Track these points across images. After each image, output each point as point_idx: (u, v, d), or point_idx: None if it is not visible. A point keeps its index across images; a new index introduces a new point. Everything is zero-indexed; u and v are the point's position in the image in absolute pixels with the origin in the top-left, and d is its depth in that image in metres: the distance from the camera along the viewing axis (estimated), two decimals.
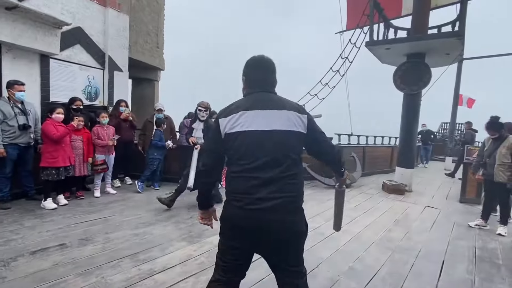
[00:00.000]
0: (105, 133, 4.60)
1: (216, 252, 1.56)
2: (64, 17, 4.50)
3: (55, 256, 2.61)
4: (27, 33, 4.14)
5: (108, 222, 3.54)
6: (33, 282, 2.20)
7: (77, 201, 4.25)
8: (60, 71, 4.94)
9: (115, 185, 5.10)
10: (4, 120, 3.71)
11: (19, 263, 2.47)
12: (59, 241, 2.91)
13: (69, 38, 5.00)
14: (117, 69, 6.05)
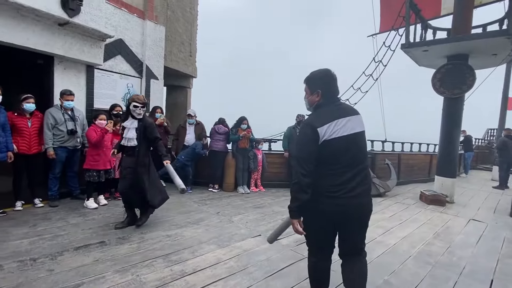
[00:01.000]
0: None
1: (306, 242, 1.98)
2: (107, 30, 4.86)
3: (96, 253, 2.79)
4: (76, 46, 4.53)
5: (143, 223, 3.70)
6: (77, 276, 2.36)
7: (116, 202, 4.51)
8: (103, 80, 5.32)
9: None
10: (55, 125, 4.07)
11: (64, 257, 2.67)
12: (99, 239, 3.10)
13: (111, 50, 5.39)
14: (153, 78, 6.38)
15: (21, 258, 2.60)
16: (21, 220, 3.54)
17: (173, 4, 7.64)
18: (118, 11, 5.56)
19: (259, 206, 4.78)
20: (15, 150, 3.73)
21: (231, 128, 5.84)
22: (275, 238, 2.33)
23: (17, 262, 2.53)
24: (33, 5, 3.76)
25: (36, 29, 4.00)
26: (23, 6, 3.69)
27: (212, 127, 5.89)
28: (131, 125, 3.44)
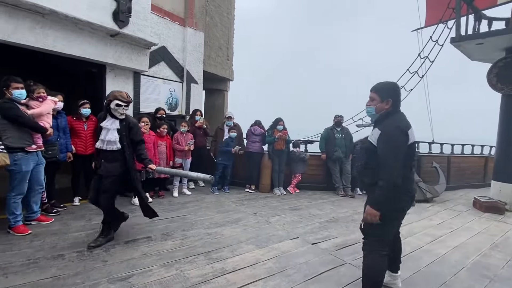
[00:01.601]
0: (183, 139, 5.09)
1: (373, 239, 2.13)
2: (152, 38, 5.18)
3: (143, 247, 2.98)
4: (124, 54, 4.90)
5: (185, 220, 3.88)
6: (127, 268, 2.55)
7: (159, 200, 4.78)
8: (148, 85, 5.68)
9: (189, 187, 5.58)
10: None
11: (116, 250, 2.89)
12: (146, 234, 3.31)
13: (155, 56, 5.73)
14: (193, 82, 6.66)
15: (79, 248, 2.87)
16: (78, 214, 3.91)
17: (212, 10, 7.91)
18: (161, 20, 5.90)
19: (296, 208, 4.74)
20: (74, 151, 4.14)
21: (267, 130, 5.87)
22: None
23: (76, 252, 2.79)
24: (89, 19, 4.15)
25: (92, 41, 4.40)
26: (81, 20, 4.08)
27: (248, 129, 5.97)
28: (112, 126, 2.94)
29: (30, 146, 3.21)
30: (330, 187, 6.06)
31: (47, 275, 2.37)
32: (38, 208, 3.56)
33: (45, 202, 3.84)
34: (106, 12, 4.34)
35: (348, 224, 4.03)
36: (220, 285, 2.36)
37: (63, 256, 2.70)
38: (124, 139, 2.97)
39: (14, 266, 2.50)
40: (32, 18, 3.71)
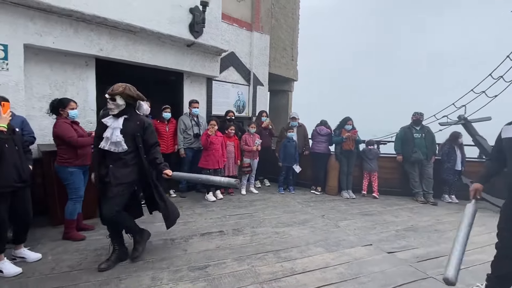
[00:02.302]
0: (251, 140, 5.28)
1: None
2: (223, 45, 5.52)
3: (217, 241, 3.19)
4: (198, 62, 5.33)
5: (253, 217, 4.01)
6: (204, 258, 2.76)
7: (229, 197, 5.04)
8: (219, 89, 6.06)
9: (256, 186, 5.74)
10: (185, 130, 4.89)
11: (194, 241, 3.16)
12: (219, 228, 3.54)
13: (225, 62, 6.08)
14: (259, 84, 6.85)
15: (163, 237, 3.23)
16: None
17: (277, 12, 8.02)
18: (230, 27, 6.23)
19: (367, 213, 4.45)
20: None
21: (334, 130, 5.66)
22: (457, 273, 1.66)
23: (161, 240, 3.15)
24: (170, 32, 4.63)
25: (171, 52, 4.92)
26: (163, 34, 4.59)
27: (314, 129, 5.85)
28: (113, 124, 2.50)
29: None
30: (407, 192, 5.51)
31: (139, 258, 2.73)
32: None
33: None
34: (183, 25, 4.79)
35: (431, 235, 3.61)
36: (291, 284, 2.37)
37: (151, 242, 3.07)
38: (139, 141, 2.55)
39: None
40: (126, 36, 4.33)
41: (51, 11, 3.59)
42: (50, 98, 3.85)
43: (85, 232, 3.24)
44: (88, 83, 4.25)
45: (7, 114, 2.34)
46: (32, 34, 3.55)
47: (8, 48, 3.40)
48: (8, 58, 3.41)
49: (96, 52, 4.08)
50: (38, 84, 3.83)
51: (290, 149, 5.51)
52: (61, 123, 2.99)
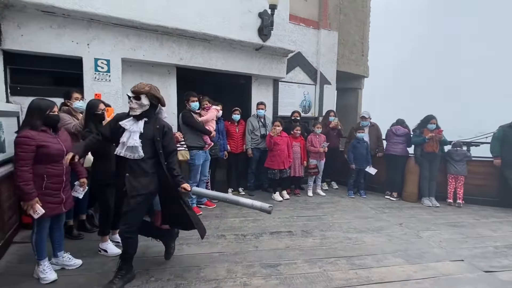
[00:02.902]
0: (317, 141, 5.16)
1: None
2: (290, 46, 5.53)
3: (286, 240, 3.20)
4: (266, 65, 5.45)
5: (322, 220, 3.91)
6: (275, 256, 2.80)
7: (296, 198, 5.02)
8: (285, 90, 6.09)
9: (323, 188, 5.58)
10: (252, 131, 5.06)
11: (264, 238, 3.24)
12: (287, 228, 3.55)
13: (291, 63, 6.08)
14: (326, 83, 6.65)
15: (236, 232, 3.39)
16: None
17: (346, 7, 7.66)
18: (297, 27, 6.20)
19: (456, 225, 3.90)
20: (228, 149, 4.94)
21: (414, 129, 5.12)
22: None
23: (233, 235, 3.31)
24: (240, 38, 4.84)
25: (241, 56, 5.14)
26: (234, 40, 4.83)
27: (389, 129, 5.39)
28: (132, 127, 2.24)
29: (204, 146, 4.05)
30: (507, 203, 4.65)
31: (215, 250, 2.92)
32: None
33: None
34: (253, 30, 4.96)
35: None
36: None
37: (224, 236, 3.27)
38: (159, 147, 2.30)
39: (192, 239, 3.20)
40: (202, 45, 4.69)
41: (142, 28, 4.12)
42: None
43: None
44: (170, 90, 4.74)
45: (111, 118, 2.77)
46: (127, 49, 4.14)
47: (110, 62, 4.03)
48: (110, 71, 4.03)
49: (177, 61, 4.53)
50: None
51: (361, 150, 5.20)
52: None
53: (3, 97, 3.49)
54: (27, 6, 3.38)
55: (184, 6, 4.24)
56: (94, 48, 3.90)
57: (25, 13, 3.47)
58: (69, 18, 3.69)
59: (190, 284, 2.31)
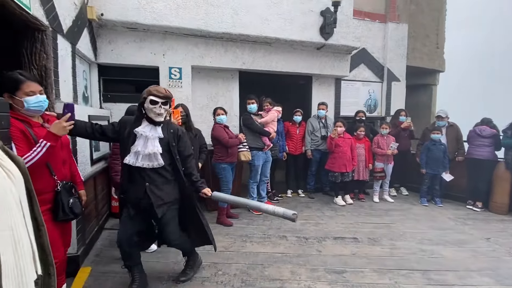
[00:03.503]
0: (384, 142, 4.81)
1: None
2: (354, 43, 5.26)
3: (351, 247, 3.06)
4: (328, 63, 5.29)
5: (391, 229, 3.63)
6: (340, 263, 2.71)
7: (360, 203, 4.76)
8: (348, 89, 5.83)
9: (391, 194, 5.17)
10: (312, 132, 4.97)
11: (327, 243, 3.15)
12: (352, 235, 3.39)
13: (355, 60, 5.79)
14: (394, 80, 6.15)
15: (297, 234, 3.38)
16: (292, 204, 4.61)
17: None
18: (361, 23, 5.88)
19: None
20: (287, 150, 4.94)
21: (505, 130, 4.39)
22: None
23: (295, 237, 3.30)
24: (301, 38, 4.80)
25: (302, 57, 5.09)
26: (295, 41, 4.81)
27: (472, 130, 4.73)
28: (151, 133, 2.07)
29: (263, 147, 4.13)
30: None
31: (278, 250, 2.95)
32: (265, 195, 4.54)
33: (269, 191, 4.83)
34: (314, 29, 4.87)
35: None
36: None
37: (286, 237, 3.28)
38: (175, 152, 2.15)
39: (255, 237, 3.30)
40: (264, 48, 4.79)
41: (210, 36, 4.40)
42: (208, 107, 4.74)
43: (231, 219, 3.78)
44: (233, 93, 4.96)
45: (177, 119, 3.03)
46: (196, 57, 4.46)
47: (181, 70, 4.40)
48: (182, 78, 4.40)
49: (240, 65, 4.71)
50: (200, 97, 4.77)
51: (437, 153, 4.67)
52: (217, 127, 3.62)
53: (97, 104, 4.10)
54: (116, 24, 3.91)
55: (248, 12, 4.38)
56: (169, 58, 4.31)
57: (114, 31, 4.03)
58: (148, 32, 4.15)
59: (255, 281, 2.38)
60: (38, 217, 0.92)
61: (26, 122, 1.64)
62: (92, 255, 2.79)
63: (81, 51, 3.25)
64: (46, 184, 1.69)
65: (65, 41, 2.70)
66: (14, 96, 1.60)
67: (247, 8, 4.39)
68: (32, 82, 1.65)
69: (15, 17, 2.03)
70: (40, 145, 1.56)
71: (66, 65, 2.72)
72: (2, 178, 0.77)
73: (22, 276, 0.80)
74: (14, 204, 0.79)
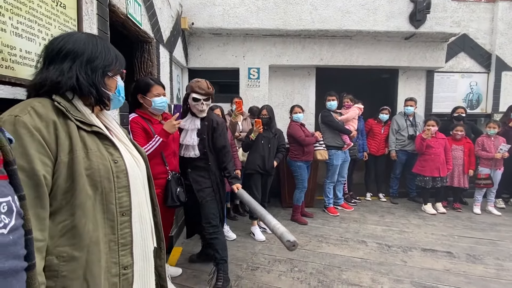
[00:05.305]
0: (492, 144, 4.04)
1: None
2: (452, 29, 4.57)
3: (444, 262, 2.69)
4: (418, 54, 4.73)
5: (498, 246, 3.05)
6: (430, 277, 2.41)
7: (455, 213, 4.13)
8: (442, 82, 5.10)
9: (497, 205, 4.33)
10: (398, 131, 4.52)
11: (413, 254, 2.85)
12: (445, 248, 2.98)
13: (452, 48, 5.02)
14: (506, 69, 5.10)
15: (378, 241, 3.14)
16: (371, 208, 4.31)
17: None
18: (461, 5, 5.06)
19: None
20: (368, 150, 4.62)
21: None
22: None
23: (376, 244, 3.08)
24: (387, 28, 4.41)
25: (387, 49, 4.68)
26: (379, 32, 4.44)
27: None
28: (190, 125, 2.19)
29: (343, 146, 3.97)
30: None
31: (356, 255, 2.81)
32: (342, 196, 4.35)
33: (346, 192, 4.61)
34: (402, 17, 4.41)
35: None
36: None
37: (366, 243, 3.09)
38: (206, 144, 2.20)
39: (331, 238, 3.21)
40: (343, 42, 4.59)
41: (287, 34, 4.44)
42: (283, 105, 4.81)
43: (306, 218, 3.76)
44: (309, 91, 4.91)
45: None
46: (274, 57, 4.57)
47: (260, 70, 4.57)
48: (260, 78, 4.58)
49: (317, 62, 4.62)
50: (276, 95, 4.88)
51: None
52: (293, 125, 3.64)
53: None
54: (204, 31, 4.31)
55: (327, 6, 4.26)
56: (248, 59, 4.53)
57: (202, 38, 4.44)
58: (230, 36, 4.44)
59: (332, 283, 2.33)
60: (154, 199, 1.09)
61: (148, 120, 1.99)
62: (181, 237, 3.16)
63: (176, 58, 3.69)
64: (160, 171, 2.00)
65: (165, 50, 3.11)
66: (145, 97, 1.96)
67: (326, 2, 4.27)
68: (159, 85, 2.00)
69: (131, 32, 2.44)
70: (155, 139, 1.89)
71: (166, 70, 3.14)
72: (134, 166, 0.94)
73: (146, 247, 0.97)
74: (141, 187, 0.97)
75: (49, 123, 0.75)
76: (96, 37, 0.93)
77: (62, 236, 0.77)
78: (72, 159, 0.77)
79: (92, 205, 0.80)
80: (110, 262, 0.84)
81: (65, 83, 0.80)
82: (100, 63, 0.86)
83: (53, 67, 0.81)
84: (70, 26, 1.40)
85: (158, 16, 2.86)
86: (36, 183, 0.71)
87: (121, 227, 0.86)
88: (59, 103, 0.79)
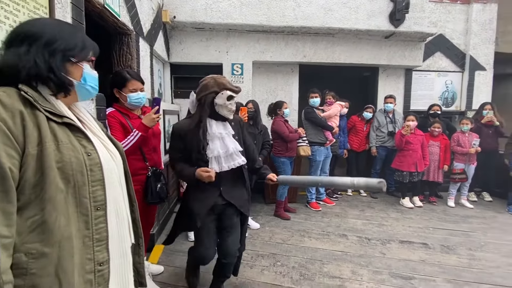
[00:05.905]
0: (466, 140, 4.24)
1: None
2: (429, 29, 4.71)
3: (420, 253, 2.80)
4: (397, 53, 4.87)
5: (470, 237, 3.21)
6: (407, 268, 2.51)
7: (431, 206, 4.30)
8: (420, 80, 5.28)
9: (470, 199, 4.55)
10: (378, 127, 4.65)
11: (392, 246, 2.95)
12: (421, 240, 3.10)
13: (429, 48, 5.19)
14: (479, 69, 5.35)
15: (358, 234, 3.23)
16: (352, 203, 4.41)
17: None
18: (438, 6, 5.24)
19: None
20: (348, 147, 4.71)
21: None
22: None
23: (356, 237, 3.16)
24: (368, 27, 4.49)
25: (368, 47, 4.77)
26: (361, 30, 4.52)
27: None
28: (226, 131, 1.78)
29: (325, 142, 4.02)
30: None
31: (337, 248, 2.87)
32: (324, 191, 4.43)
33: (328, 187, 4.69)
34: (382, 16, 4.51)
35: None
36: None
37: (346, 236, 3.16)
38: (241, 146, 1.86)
39: (314, 233, 3.26)
40: (326, 40, 4.64)
41: (271, 30, 4.44)
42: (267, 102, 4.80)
43: (289, 213, 3.80)
44: (292, 87, 4.94)
45: (243, 116, 3.12)
46: (257, 53, 4.55)
47: (243, 66, 4.54)
48: (243, 74, 4.55)
49: (300, 59, 4.65)
50: (259, 91, 4.87)
51: None
52: (278, 121, 3.65)
53: (169, 99, 4.51)
54: (186, 25, 4.22)
55: (310, 3, 4.28)
56: (231, 54, 4.49)
57: (184, 32, 4.35)
58: (213, 31, 4.38)
59: (314, 276, 2.37)
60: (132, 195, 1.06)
61: (126, 114, 1.93)
62: (163, 235, 3.11)
63: (157, 52, 3.60)
64: (139, 167, 1.95)
65: (145, 43, 3.03)
66: (121, 92, 1.90)
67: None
68: (136, 80, 1.93)
69: (108, 23, 2.35)
70: (133, 134, 1.83)
71: (146, 64, 3.05)
72: (109, 160, 0.91)
73: (123, 243, 0.94)
74: (117, 182, 0.93)
75: (15, 113, 0.71)
76: (65, 23, 0.88)
77: (31, 232, 0.73)
78: (41, 151, 0.73)
79: (64, 199, 0.76)
80: (84, 258, 0.81)
81: (23, 67, 0.75)
82: (59, 46, 0.80)
83: (11, 51, 0.76)
84: (41, 14, 1.33)
85: (137, 7, 2.77)
86: (1, 176, 0.67)
87: (95, 222, 0.83)
88: (26, 93, 0.74)
